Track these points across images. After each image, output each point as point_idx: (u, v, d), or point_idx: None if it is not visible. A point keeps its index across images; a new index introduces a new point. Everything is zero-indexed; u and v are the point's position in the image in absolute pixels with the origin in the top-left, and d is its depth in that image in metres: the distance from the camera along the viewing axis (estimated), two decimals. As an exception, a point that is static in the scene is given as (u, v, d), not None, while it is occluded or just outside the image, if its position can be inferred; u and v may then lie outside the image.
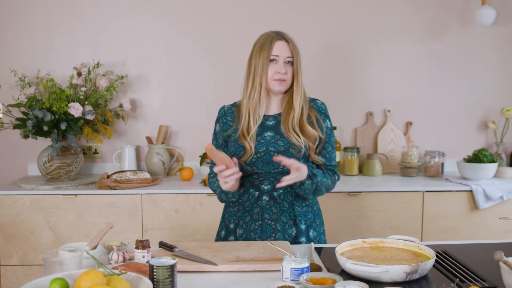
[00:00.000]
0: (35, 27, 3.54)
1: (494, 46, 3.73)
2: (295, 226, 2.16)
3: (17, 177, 3.59)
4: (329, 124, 2.21)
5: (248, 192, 2.16)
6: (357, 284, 1.45)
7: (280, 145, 2.12)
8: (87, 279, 1.34)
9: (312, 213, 2.22)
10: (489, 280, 1.61)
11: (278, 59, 2.11)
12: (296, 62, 2.12)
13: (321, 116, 2.20)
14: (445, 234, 3.20)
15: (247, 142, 2.11)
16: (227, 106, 2.29)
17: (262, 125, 2.17)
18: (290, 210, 2.16)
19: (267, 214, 2.14)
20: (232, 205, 2.22)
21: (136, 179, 3.20)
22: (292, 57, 2.12)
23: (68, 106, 3.18)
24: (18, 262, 3.11)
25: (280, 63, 2.11)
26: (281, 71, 2.10)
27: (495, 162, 3.32)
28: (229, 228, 2.22)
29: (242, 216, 2.17)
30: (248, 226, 2.16)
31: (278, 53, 2.11)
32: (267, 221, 2.14)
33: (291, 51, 2.12)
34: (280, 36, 2.13)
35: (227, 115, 2.25)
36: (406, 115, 3.75)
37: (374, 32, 3.67)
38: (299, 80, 2.13)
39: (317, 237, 2.22)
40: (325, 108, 2.24)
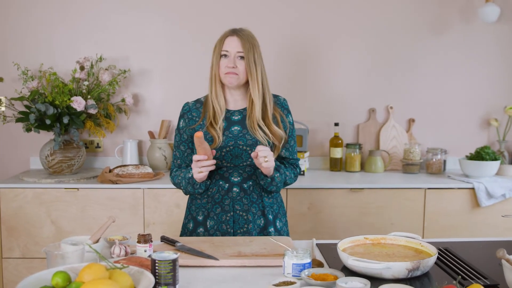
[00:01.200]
0: (38, 21, 3.54)
1: (497, 43, 3.72)
2: (263, 217, 2.20)
3: (20, 170, 3.60)
4: (291, 119, 2.29)
5: (218, 184, 2.19)
6: (358, 281, 1.46)
7: (248, 138, 2.17)
8: (89, 273, 1.34)
9: (276, 204, 2.28)
10: (491, 277, 1.60)
11: (229, 54, 2.17)
12: (248, 57, 2.15)
13: (284, 112, 2.27)
14: (447, 231, 3.20)
15: (215, 132, 2.16)
16: (191, 102, 2.31)
17: (228, 119, 2.22)
18: (259, 201, 2.21)
19: (238, 205, 2.18)
20: (200, 197, 2.24)
21: (138, 173, 3.20)
22: (243, 51, 2.15)
23: (71, 100, 3.18)
24: (20, 255, 3.12)
25: (230, 58, 2.16)
26: (229, 65, 2.15)
27: (497, 160, 3.31)
28: (197, 220, 2.23)
29: (213, 208, 2.19)
30: (219, 217, 2.18)
31: (228, 49, 2.17)
32: (238, 212, 2.18)
33: (241, 46, 2.15)
34: (233, 33, 2.19)
35: (192, 111, 2.28)
36: (409, 112, 3.74)
37: (376, 29, 3.66)
38: (252, 75, 2.16)
39: (282, 227, 2.28)
40: (287, 103, 2.31)
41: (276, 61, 3.61)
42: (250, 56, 2.15)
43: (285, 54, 3.64)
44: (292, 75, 3.66)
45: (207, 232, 2.19)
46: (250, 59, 2.15)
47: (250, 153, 2.15)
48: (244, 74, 2.17)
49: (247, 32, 2.21)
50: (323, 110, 3.69)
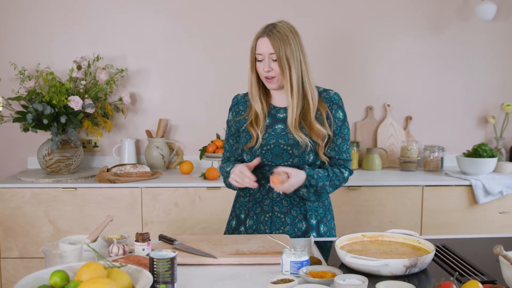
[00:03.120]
0: (35, 20, 3.53)
1: (494, 41, 3.72)
2: (305, 221, 2.14)
3: (17, 170, 3.59)
4: (341, 115, 2.15)
5: (260, 183, 2.13)
6: (356, 278, 1.46)
7: (290, 138, 2.09)
8: (88, 272, 1.34)
9: (323, 208, 2.20)
10: (488, 274, 1.61)
11: (263, 57, 2.07)
12: (279, 57, 2.03)
13: (334, 106, 2.14)
14: (444, 228, 3.21)
15: (255, 131, 2.12)
16: (241, 95, 2.27)
17: (273, 117, 2.16)
18: (300, 205, 2.15)
19: (277, 207, 2.14)
20: (243, 196, 2.22)
21: (135, 172, 3.20)
22: (275, 53, 2.03)
23: (68, 100, 3.18)
24: (18, 255, 3.12)
25: (265, 61, 2.06)
26: (265, 69, 2.06)
27: (494, 157, 3.32)
28: (240, 218, 2.21)
29: (253, 207, 2.17)
30: (258, 217, 2.15)
31: (261, 52, 2.06)
32: (277, 213, 2.14)
33: (272, 47, 2.03)
34: (264, 33, 2.06)
35: (240, 104, 2.24)
36: (406, 110, 3.75)
37: (374, 27, 3.67)
38: (285, 75, 2.05)
39: (327, 232, 2.20)
40: (338, 98, 2.17)
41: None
42: (282, 54, 2.03)
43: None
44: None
45: (246, 231, 2.17)
46: (282, 58, 2.03)
47: (290, 153, 2.08)
48: (281, 75, 2.07)
49: (280, 26, 2.07)
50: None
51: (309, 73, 2.11)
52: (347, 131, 2.16)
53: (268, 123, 2.15)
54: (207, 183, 3.15)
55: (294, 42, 2.06)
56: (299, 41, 2.10)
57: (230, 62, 3.59)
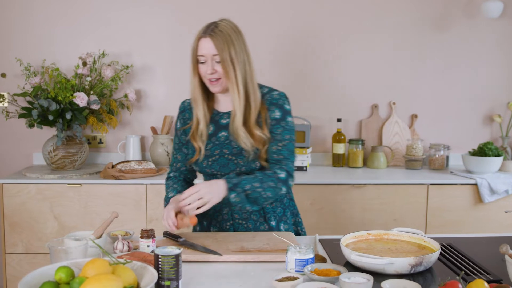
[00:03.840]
0: (40, 16, 3.54)
1: (500, 39, 3.70)
2: (266, 223, 2.10)
3: (22, 166, 3.60)
4: (277, 115, 2.01)
5: None
6: (361, 276, 1.46)
7: (234, 146, 2.01)
8: (93, 268, 1.35)
9: (281, 207, 2.14)
10: (494, 273, 1.60)
11: (205, 59, 1.96)
12: (223, 58, 1.92)
13: (271, 107, 2.01)
14: (449, 227, 3.20)
15: (196, 143, 2.04)
16: (187, 101, 2.16)
17: (217, 123, 2.06)
18: (259, 208, 2.09)
19: (237, 214, 2.09)
20: None
21: (140, 169, 3.21)
22: (218, 54, 1.92)
23: (73, 96, 3.18)
24: (22, 251, 3.13)
25: (208, 63, 1.95)
26: (208, 71, 1.95)
27: (500, 155, 3.31)
28: (203, 225, 2.16)
29: (214, 215, 2.11)
30: (221, 225, 2.10)
31: (203, 53, 1.95)
32: (238, 220, 2.09)
33: (215, 47, 1.92)
34: (205, 33, 1.95)
35: (186, 111, 2.14)
36: (411, 108, 3.74)
37: (380, 25, 3.66)
38: (230, 77, 1.94)
39: (288, 230, 2.14)
40: (278, 97, 2.03)
41: (279, 55, 3.61)
42: (225, 55, 1.92)
43: (289, 49, 3.63)
44: (295, 71, 3.65)
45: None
46: (226, 59, 1.92)
47: (235, 162, 2.00)
48: (225, 76, 1.96)
49: (222, 26, 1.96)
50: (326, 106, 3.69)
51: (252, 74, 2.00)
52: (281, 131, 2.01)
53: (211, 132, 2.06)
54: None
55: (237, 42, 1.96)
56: (243, 40, 2.00)
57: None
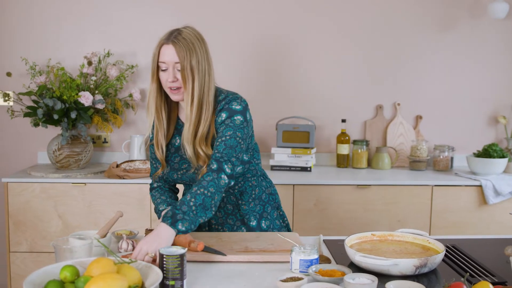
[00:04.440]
0: (46, 16, 3.54)
1: (506, 40, 3.70)
2: (244, 225, 2.08)
3: (27, 165, 3.61)
4: (223, 117, 1.93)
5: None
6: (366, 277, 1.46)
7: None
8: (98, 267, 1.35)
9: (260, 205, 2.11)
10: (499, 275, 1.60)
11: (167, 66, 1.90)
12: (183, 66, 1.87)
13: (219, 113, 1.94)
14: (454, 229, 3.20)
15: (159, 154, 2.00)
16: None
17: (180, 132, 2.01)
18: (235, 212, 2.09)
19: (213, 219, 2.07)
20: None
21: (145, 168, 3.21)
22: (180, 62, 1.87)
23: (79, 95, 3.19)
24: (27, 249, 3.13)
25: (169, 71, 1.89)
26: (169, 79, 1.89)
27: (505, 157, 3.30)
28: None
29: None
30: (201, 229, 2.08)
31: (165, 60, 1.89)
32: (214, 225, 2.08)
33: (177, 54, 1.87)
34: (168, 40, 1.91)
35: None
36: (416, 109, 3.73)
37: (384, 25, 3.65)
38: (187, 87, 1.88)
39: (270, 225, 2.11)
40: (228, 100, 1.96)
41: (284, 56, 3.61)
42: (186, 64, 1.86)
43: (293, 50, 3.63)
44: (300, 71, 3.65)
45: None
46: (186, 68, 1.86)
47: None
48: None
49: (186, 33, 1.92)
50: (330, 106, 3.68)
51: (210, 85, 1.94)
52: (223, 129, 1.92)
53: (178, 144, 2.01)
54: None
55: (200, 50, 1.91)
56: (205, 48, 1.96)
57: (238, 59, 3.59)
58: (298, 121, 3.61)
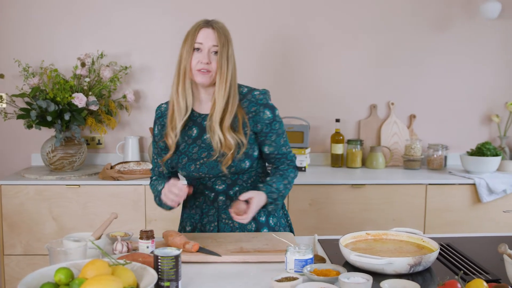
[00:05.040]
0: (39, 17, 3.53)
1: (498, 39, 3.71)
2: (253, 220, 2.07)
3: (21, 167, 3.60)
4: (268, 114, 2.01)
5: (204, 194, 2.07)
6: (361, 276, 1.46)
7: None
8: (92, 269, 1.35)
9: None
10: (492, 272, 1.61)
11: (202, 47, 1.94)
12: (221, 52, 1.93)
13: (260, 108, 2.01)
14: (448, 227, 3.21)
15: (170, 139, 2.01)
16: (164, 106, 2.12)
17: (200, 126, 2.03)
18: None
19: (224, 214, 2.06)
20: (189, 207, 2.13)
21: (139, 170, 3.21)
22: (218, 46, 1.93)
23: (72, 97, 3.18)
24: (21, 252, 3.12)
25: (204, 52, 1.94)
26: (203, 61, 1.93)
27: (498, 155, 3.31)
28: (186, 231, 2.13)
29: (200, 218, 2.09)
30: (205, 227, 2.08)
31: (201, 41, 1.94)
32: (224, 220, 2.06)
33: (216, 39, 1.94)
34: (208, 24, 1.96)
35: (164, 116, 2.08)
36: (410, 108, 3.74)
37: (378, 25, 3.66)
38: (222, 72, 1.93)
39: (277, 223, 2.13)
40: (262, 97, 2.03)
41: (278, 56, 3.61)
42: (224, 51, 1.94)
43: (288, 49, 3.63)
44: (294, 71, 3.66)
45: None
46: (224, 55, 1.94)
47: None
48: (215, 71, 1.95)
49: (222, 25, 2.00)
50: (324, 106, 3.69)
51: (236, 78, 2.02)
52: (279, 125, 2.03)
53: (196, 135, 2.03)
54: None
55: (231, 45, 2.00)
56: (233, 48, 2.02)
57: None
58: (292, 121, 3.61)
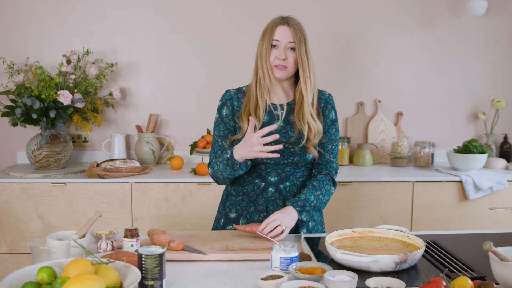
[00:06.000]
0: (25, 14, 3.50)
1: (485, 37, 3.73)
2: None
3: (6, 165, 3.57)
4: (333, 116, 2.18)
5: (254, 183, 2.12)
6: (346, 274, 1.45)
7: (291, 135, 2.08)
8: (75, 268, 1.33)
9: None
10: (478, 270, 1.61)
11: (279, 44, 2.05)
12: (299, 48, 2.04)
13: (328, 107, 2.17)
14: (435, 224, 3.22)
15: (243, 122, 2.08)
16: (233, 91, 2.18)
17: (271, 114, 2.11)
18: None
19: (272, 206, 2.10)
20: (235, 194, 2.18)
21: (125, 167, 3.19)
22: (294, 42, 2.04)
23: (57, 94, 3.15)
24: (6, 251, 3.09)
25: (280, 49, 2.05)
26: (280, 57, 2.04)
27: (485, 153, 3.33)
28: (229, 217, 2.17)
29: (247, 206, 2.13)
30: (252, 216, 2.12)
31: (278, 38, 2.04)
32: (271, 213, 2.08)
33: (293, 36, 2.04)
34: (284, 21, 2.06)
35: (234, 99, 2.15)
36: (397, 106, 3.75)
37: (365, 23, 3.66)
38: (304, 67, 2.06)
39: (314, 227, 2.17)
40: (332, 99, 2.20)
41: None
42: (302, 47, 2.05)
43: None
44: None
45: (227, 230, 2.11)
46: (302, 50, 2.05)
47: (292, 150, 2.07)
48: (292, 66, 2.06)
49: (297, 21, 2.09)
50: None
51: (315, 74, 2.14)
52: (334, 131, 2.17)
53: (266, 121, 2.10)
54: (198, 179, 3.13)
55: (307, 41, 2.10)
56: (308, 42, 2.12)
57: (220, 58, 3.58)
58: (280, 119, 3.60)
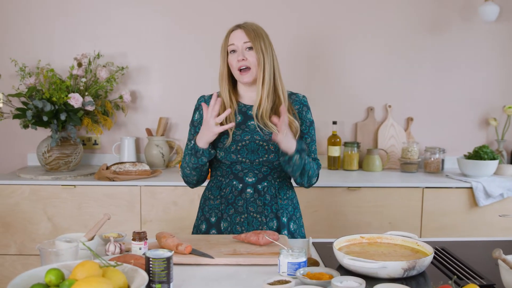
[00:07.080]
0: (36, 17, 3.53)
1: (496, 42, 3.71)
2: (276, 219, 2.12)
3: (17, 167, 3.59)
4: (311, 117, 2.21)
5: (232, 185, 2.13)
6: (354, 280, 1.45)
7: (265, 133, 2.10)
8: (83, 270, 1.33)
9: (292, 206, 2.20)
10: (487, 277, 1.60)
11: (236, 48, 2.10)
12: (255, 45, 2.08)
13: (304, 108, 2.20)
14: (444, 230, 3.20)
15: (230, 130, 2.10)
16: (207, 96, 2.25)
17: (245, 114, 2.16)
18: (272, 203, 2.13)
19: (251, 207, 2.11)
20: (213, 198, 2.18)
21: (135, 170, 3.20)
22: (249, 41, 2.08)
23: (68, 97, 3.17)
24: (16, 252, 3.11)
25: (238, 51, 2.09)
26: (239, 58, 2.08)
27: (495, 159, 3.31)
28: (210, 221, 2.16)
29: (226, 209, 2.13)
30: (233, 219, 2.11)
31: (233, 41, 2.10)
32: (252, 214, 2.11)
33: (246, 36, 2.08)
34: (236, 27, 2.12)
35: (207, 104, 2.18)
36: (407, 111, 3.74)
37: (375, 28, 3.65)
38: (260, 63, 2.09)
39: (297, 230, 2.19)
40: (306, 100, 2.24)
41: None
42: (257, 44, 2.08)
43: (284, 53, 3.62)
44: (290, 74, 3.64)
45: (220, 234, 2.12)
46: (257, 47, 2.08)
47: (266, 148, 2.09)
48: (256, 65, 2.09)
49: (251, 23, 2.14)
50: (322, 108, 3.67)
51: (279, 70, 2.16)
52: (314, 132, 2.23)
53: (240, 120, 2.15)
54: (206, 182, 3.13)
55: (266, 39, 2.13)
56: (269, 41, 2.15)
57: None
58: (289, 123, 3.59)
